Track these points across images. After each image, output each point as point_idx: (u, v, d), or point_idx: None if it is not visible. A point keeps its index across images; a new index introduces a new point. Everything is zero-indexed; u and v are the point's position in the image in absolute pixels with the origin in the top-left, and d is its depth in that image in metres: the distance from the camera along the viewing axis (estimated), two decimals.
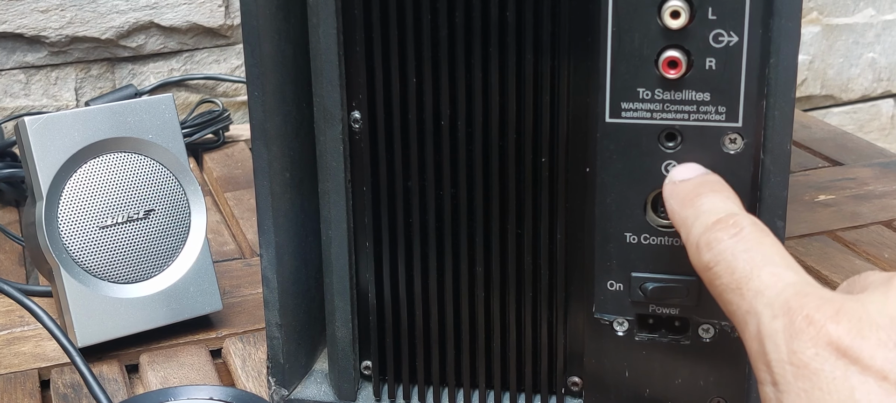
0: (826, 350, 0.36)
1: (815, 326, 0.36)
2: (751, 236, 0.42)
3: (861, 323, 0.36)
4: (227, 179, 0.99)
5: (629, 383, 0.54)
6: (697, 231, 0.44)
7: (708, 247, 0.42)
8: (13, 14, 1.09)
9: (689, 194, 0.46)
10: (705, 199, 0.45)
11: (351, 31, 0.52)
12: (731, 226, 0.42)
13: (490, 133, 0.52)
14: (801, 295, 0.38)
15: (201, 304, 0.71)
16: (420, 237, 0.55)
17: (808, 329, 0.36)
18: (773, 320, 0.38)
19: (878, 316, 0.36)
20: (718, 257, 0.42)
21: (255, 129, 0.55)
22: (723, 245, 0.42)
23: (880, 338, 0.35)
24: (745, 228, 0.42)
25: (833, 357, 0.36)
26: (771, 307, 0.38)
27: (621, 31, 0.48)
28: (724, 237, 0.42)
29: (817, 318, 0.36)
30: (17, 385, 0.66)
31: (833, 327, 0.36)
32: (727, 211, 0.44)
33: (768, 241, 0.41)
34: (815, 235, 0.85)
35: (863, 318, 0.36)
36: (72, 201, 0.67)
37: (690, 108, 0.49)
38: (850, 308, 0.36)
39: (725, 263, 0.41)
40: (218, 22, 1.17)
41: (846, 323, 0.36)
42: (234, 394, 0.59)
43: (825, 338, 0.36)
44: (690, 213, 0.45)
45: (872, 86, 1.54)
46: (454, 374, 0.57)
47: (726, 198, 0.45)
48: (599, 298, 0.53)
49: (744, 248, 0.41)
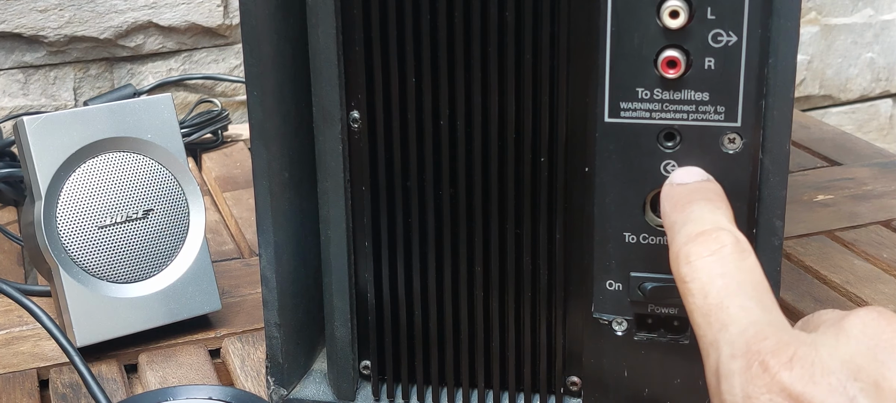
0: (779, 396, 0.36)
1: (769, 373, 0.37)
2: (730, 258, 0.41)
3: (813, 369, 0.36)
4: (226, 179, 0.99)
5: (628, 383, 0.54)
6: (680, 240, 0.43)
7: (686, 261, 0.42)
8: (11, 13, 1.09)
9: (681, 199, 0.46)
10: (696, 207, 0.45)
11: (350, 30, 0.52)
12: (712, 242, 0.42)
13: (489, 133, 0.52)
14: (760, 338, 0.38)
15: (200, 304, 0.71)
16: (419, 237, 0.55)
17: (763, 375, 0.37)
18: (732, 360, 0.38)
19: (830, 360, 0.36)
20: (694, 274, 0.42)
21: (254, 129, 0.55)
22: (701, 262, 0.42)
23: (830, 384, 0.36)
24: (726, 247, 0.42)
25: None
26: (731, 345, 0.38)
27: (620, 30, 0.49)
28: (704, 253, 0.42)
29: (772, 365, 0.37)
30: (16, 385, 0.66)
31: (786, 374, 0.36)
32: (714, 224, 0.43)
33: (746, 266, 0.41)
34: (813, 235, 0.85)
35: (815, 363, 0.36)
36: (70, 201, 0.67)
37: (689, 108, 0.49)
38: (803, 353, 0.37)
39: (700, 283, 0.41)
40: (216, 22, 1.17)
41: (799, 369, 0.36)
42: (232, 394, 0.59)
43: (778, 386, 0.36)
44: (679, 219, 0.45)
45: (871, 86, 1.54)
46: (453, 374, 0.57)
47: (716, 209, 0.45)
48: (598, 298, 0.53)
49: (720, 272, 0.41)
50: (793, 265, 0.81)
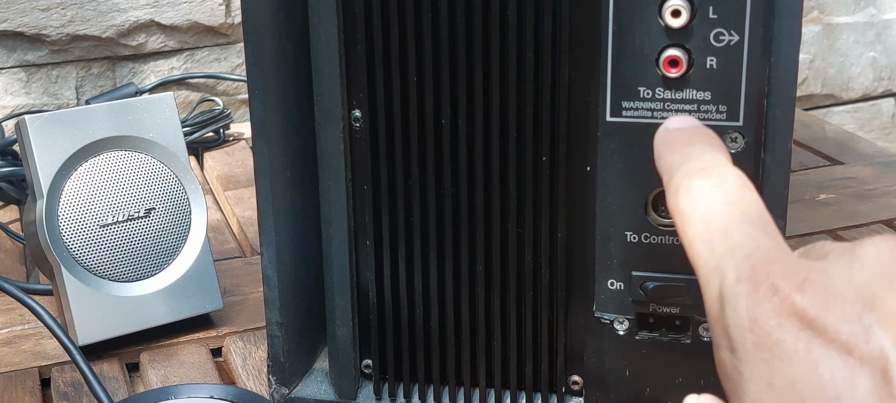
0: (789, 320, 0.34)
1: (779, 295, 0.35)
2: (734, 189, 0.40)
3: (827, 294, 0.34)
4: (228, 178, 0.99)
5: (630, 382, 0.54)
6: (680, 175, 0.42)
7: (687, 193, 0.41)
8: (14, 12, 1.09)
9: (679, 140, 0.45)
10: (695, 148, 0.44)
11: (352, 29, 0.52)
12: (715, 176, 0.41)
13: (491, 132, 0.52)
14: (769, 261, 0.36)
15: (202, 303, 0.71)
16: (421, 235, 0.55)
17: (773, 298, 0.35)
18: (737, 283, 0.36)
19: (844, 287, 0.35)
20: (696, 204, 0.40)
21: (255, 128, 0.55)
22: (704, 193, 0.40)
23: (845, 311, 0.34)
24: (730, 180, 0.41)
25: (796, 329, 0.34)
26: (737, 269, 0.37)
27: (622, 29, 0.48)
28: (707, 185, 0.41)
29: (783, 287, 0.35)
30: (18, 384, 0.66)
31: (798, 297, 0.35)
32: (715, 161, 0.42)
33: (750, 198, 0.40)
34: (815, 234, 0.85)
35: (828, 289, 0.35)
36: (72, 199, 0.67)
37: (691, 107, 0.49)
38: (816, 278, 0.35)
39: (702, 212, 0.40)
40: (218, 20, 1.17)
41: (812, 293, 0.34)
42: (234, 393, 0.59)
43: (790, 308, 0.35)
44: (677, 158, 0.44)
45: (873, 85, 1.54)
46: (455, 373, 0.57)
47: (717, 149, 0.44)
48: (600, 297, 0.53)
49: (724, 201, 0.40)
50: None
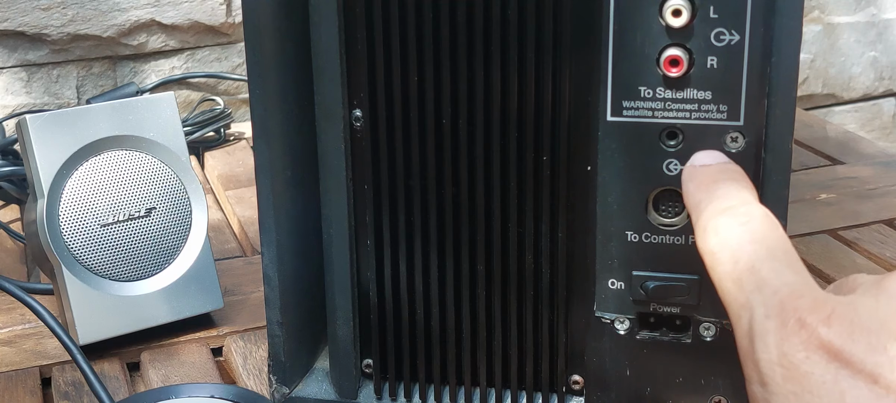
0: (817, 353, 0.36)
1: (806, 329, 0.36)
2: (760, 228, 0.41)
3: (852, 327, 0.36)
4: (229, 177, 0.99)
5: (630, 381, 0.54)
6: (708, 214, 0.43)
7: (715, 232, 0.42)
8: (15, 12, 1.09)
9: (706, 179, 0.46)
10: (722, 186, 0.45)
11: (352, 29, 0.52)
12: (741, 215, 0.42)
13: (491, 131, 0.52)
14: (796, 297, 0.38)
15: (202, 302, 0.71)
16: (421, 235, 0.55)
17: (801, 332, 0.36)
18: (766, 319, 0.38)
19: (869, 320, 0.36)
20: (724, 243, 0.42)
21: (256, 127, 0.55)
22: (731, 232, 0.42)
23: (870, 342, 0.35)
24: (756, 218, 0.42)
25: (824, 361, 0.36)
26: (765, 305, 0.38)
27: (623, 29, 0.48)
28: (734, 224, 0.42)
29: (809, 321, 0.36)
30: (19, 383, 0.66)
31: (824, 330, 0.36)
32: (741, 199, 0.44)
33: (775, 236, 0.41)
34: (816, 234, 0.85)
35: (854, 321, 0.36)
36: (73, 199, 0.67)
37: (692, 107, 0.49)
38: (841, 311, 0.36)
39: (730, 251, 0.41)
40: (219, 20, 1.17)
41: (838, 326, 0.36)
42: (235, 392, 0.59)
43: (816, 341, 0.36)
44: (705, 197, 0.45)
45: (874, 85, 1.54)
46: (455, 372, 0.57)
47: (743, 187, 0.45)
48: (600, 297, 0.53)
49: (750, 239, 0.41)
50: None
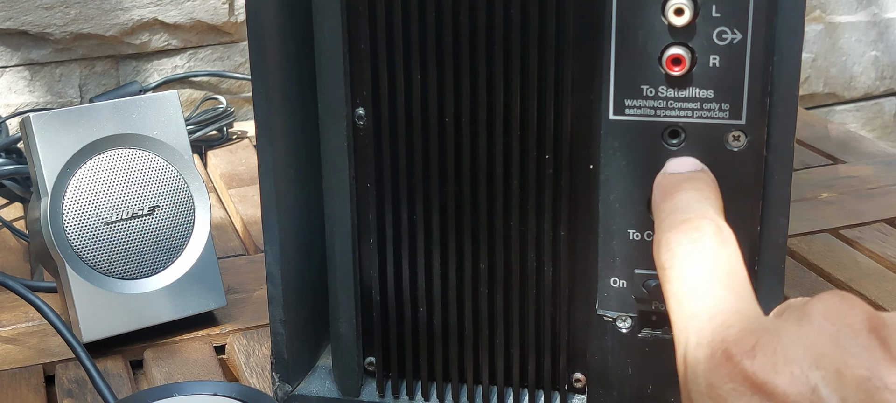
0: (742, 385, 0.36)
1: (731, 362, 0.36)
2: (709, 246, 0.41)
3: (775, 357, 0.35)
4: (232, 176, 0.99)
5: (632, 380, 0.54)
6: (664, 226, 0.43)
7: (667, 247, 0.42)
8: (18, 10, 1.09)
9: (671, 188, 0.46)
10: (683, 196, 0.45)
11: (355, 27, 0.53)
12: (693, 230, 0.42)
13: (494, 130, 0.52)
14: (725, 327, 0.38)
15: (205, 300, 0.71)
16: (424, 233, 0.55)
17: (726, 364, 0.36)
18: (698, 348, 0.38)
19: (792, 348, 0.36)
20: (673, 261, 0.41)
21: (259, 126, 0.55)
22: (681, 249, 0.42)
23: (792, 373, 0.35)
24: (707, 236, 0.42)
25: (748, 394, 0.35)
26: (698, 333, 0.38)
27: (625, 28, 0.49)
28: (684, 240, 0.42)
29: (734, 353, 0.36)
30: (22, 381, 0.66)
31: (748, 363, 0.36)
32: (698, 213, 0.43)
33: (724, 255, 0.41)
34: (817, 233, 0.85)
35: (777, 351, 0.36)
36: (76, 197, 0.67)
37: (694, 106, 0.49)
38: (765, 341, 0.36)
39: (678, 269, 0.41)
40: (222, 19, 1.18)
41: (761, 357, 0.36)
42: (238, 390, 0.60)
43: (741, 375, 0.36)
44: (666, 207, 0.45)
45: (875, 84, 1.54)
46: (458, 370, 0.57)
47: (703, 198, 0.45)
48: (603, 295, 0.53)
49: (698, 258, 0.41)
50: (797, 263, 0.81)
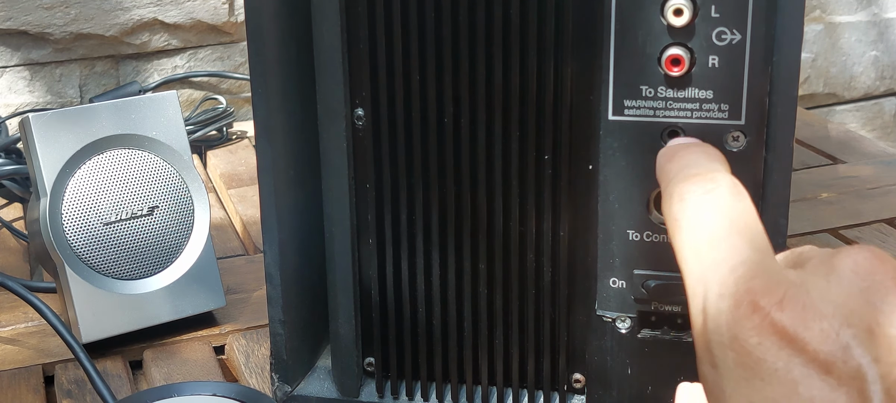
0: (770, 339, 0.34)
1: (759, 314, 0.35)
2: (725, 196, 0.40)
3: (805, 311, 0.34)
4: (231, 176, 0.99)
5: (632, 380, 0.54)
6: (675, 181, 0.42)
7: (679, 198, 0.41)
8: (18, 10, 1.09)
9: (678, 151, 0.45)
10: (691, 155, 0.44)
11: (354, 28, 0.53)
12: (708, 181, 0.41)
13: (493, 130, 0.52)
14: (751, 278, 0.36)
15: (205, 301, 0.71)
16: (423, 234, 0.55)
17: (753, 315, 0.35)
18: (720, 299, 0.36)
19: (822, 304, 0.34)
20: (687, 211, 0.40)
21: (258, 126, 0.55)
22: (695, 199, 0.40)
23: (823, 329, 0.34)
24: (722, 186, 0.40)
25: (776, 348, 0.34)
26: (721, 284, 0.37)
27: (624, 28, 0.49)
28: (699, 191, 0.40)
29: (763, 305, 0.35)
30: (22, 381, 0.66)
31: (778, 315, 0.34)
32: (709, 167, 0.42)
33: (740, 207, 0.40)
34: (817, 233, 0.85)
35: (807, 305, 0.34)
36: (76, 197, 0.67)
37: (693, 106, 0.49)
38: (794, 294, 0.35)
39: (692, 219, 0.40)
40: (222, 19, 1.18)
41: (791, 310, 0.34)
42: (237, 390, 0.60)
43: (770, 326, 0.34)
44: (674, 167, 0.44)
45: (875, 84, 1.54)
46: (457, 371, 0.57)
47: (713, 158, 0.44)
48: (602, 295, 0.53)
49: (713, 209, 0.40)
50: None
